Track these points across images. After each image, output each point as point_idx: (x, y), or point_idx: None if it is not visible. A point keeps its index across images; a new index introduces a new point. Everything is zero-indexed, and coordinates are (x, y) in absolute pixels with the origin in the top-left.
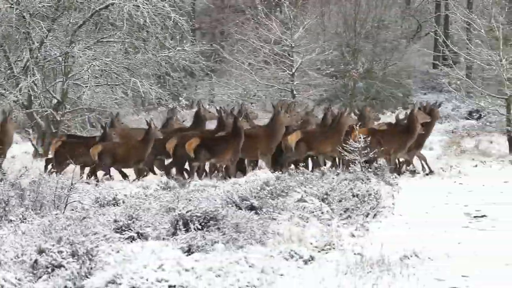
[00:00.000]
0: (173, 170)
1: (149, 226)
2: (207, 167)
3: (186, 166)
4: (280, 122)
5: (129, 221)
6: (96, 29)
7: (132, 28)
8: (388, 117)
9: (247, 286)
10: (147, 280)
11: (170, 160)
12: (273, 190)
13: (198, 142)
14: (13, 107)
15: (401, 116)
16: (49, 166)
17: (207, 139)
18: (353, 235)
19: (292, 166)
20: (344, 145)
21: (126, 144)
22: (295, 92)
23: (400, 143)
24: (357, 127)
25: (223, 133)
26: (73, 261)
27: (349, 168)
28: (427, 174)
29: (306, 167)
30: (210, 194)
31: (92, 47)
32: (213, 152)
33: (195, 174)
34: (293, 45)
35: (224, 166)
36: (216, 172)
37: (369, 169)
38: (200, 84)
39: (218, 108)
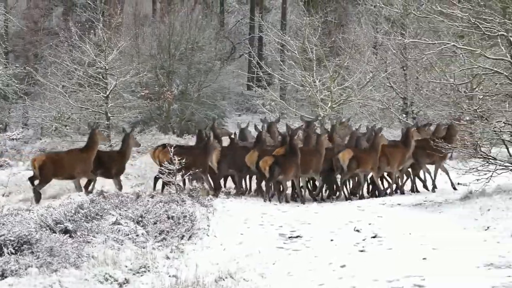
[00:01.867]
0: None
1: None
2: None
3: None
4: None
5: None
6: None
7: None
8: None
9: None
10: None
11: None
12: (88, 213)
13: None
14: None
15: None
16: None
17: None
18: (168, 257)
19: None
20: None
21: None
22: (109, 115)
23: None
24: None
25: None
26: None
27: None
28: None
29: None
30: (24, 217)
31: None
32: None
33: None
34: (107, 68)
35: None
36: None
37: None
38: (13, 107)
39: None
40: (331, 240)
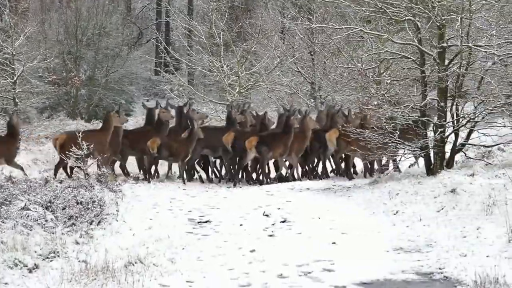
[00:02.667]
0: None
1: None
2: None
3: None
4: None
5: None
6: None
7: None
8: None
9: None
10: None
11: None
12: None
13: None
14: None
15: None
16: None
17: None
18: (77, 243)
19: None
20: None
21: None
22: (17, 100)
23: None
24: None
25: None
26: None
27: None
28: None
29: None
30: None
31: None
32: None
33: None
34: (14, 53)
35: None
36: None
37: None
38: None
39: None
40: (241, 225)
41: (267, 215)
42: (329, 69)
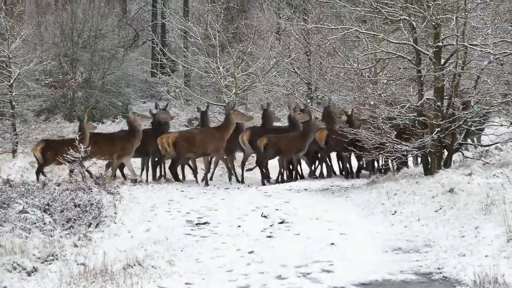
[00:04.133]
0: None
1: None
2: None
3: None
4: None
5: None
6: None
7: None
8: (108, 126)
9: None
10: None
11: None
12: None
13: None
14: None
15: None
16: None
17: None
18: (76, 245)
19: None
20: None
21: None
22: (14, 103)
23: None
24: None
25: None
26: None
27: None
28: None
29: None
30: None
31: None
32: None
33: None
34: (10, 56)
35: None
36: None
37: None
38: None
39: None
40: (239, 226)
41: (265, 216)
42: (325, 69)
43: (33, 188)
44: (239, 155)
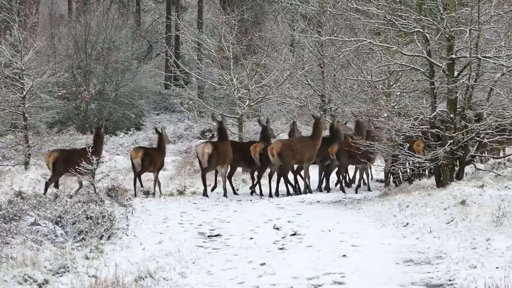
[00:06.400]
0: None
1: None
2: None
3: None
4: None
5: None
6: None
7: None
8: (121, 138)
9: None
10: None
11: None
12: (6, 214)
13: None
14: None
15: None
16: None
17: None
18: (87, 258)
19: None
20: None
21: None
22: (26, 115)
23: None
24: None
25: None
26: None
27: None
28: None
29: None
30: None
31: None
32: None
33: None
34: (23, 68)
35: None
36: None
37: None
38: None
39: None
40: (251, 238)
41: (277, 228)
42: (338, 81)
43: (45, 200)
44: None
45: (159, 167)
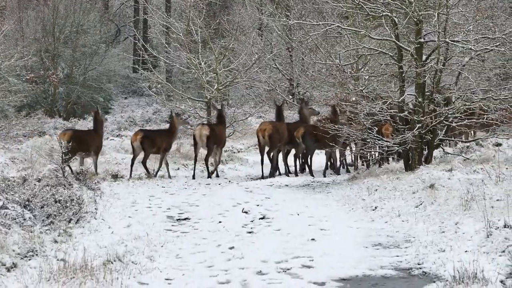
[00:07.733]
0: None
1: None
2: None
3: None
4: None
5: None
6: None
7: None
8: (89, 122)
9: None
10: None
11: None
12: None
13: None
14: None
15: None
16: None
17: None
18: (56, 241)
19: None
20: None
21: None
22: None
23: None
24: None
25: None
26: None
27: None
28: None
29: None
30: None
31: None
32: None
33: None
34: None
35: None
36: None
37: None
38: None
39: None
40: (219, 222)
41: (246, 212)
42: (307, 65)
43: (13, 184)
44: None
45: (164, 148)
